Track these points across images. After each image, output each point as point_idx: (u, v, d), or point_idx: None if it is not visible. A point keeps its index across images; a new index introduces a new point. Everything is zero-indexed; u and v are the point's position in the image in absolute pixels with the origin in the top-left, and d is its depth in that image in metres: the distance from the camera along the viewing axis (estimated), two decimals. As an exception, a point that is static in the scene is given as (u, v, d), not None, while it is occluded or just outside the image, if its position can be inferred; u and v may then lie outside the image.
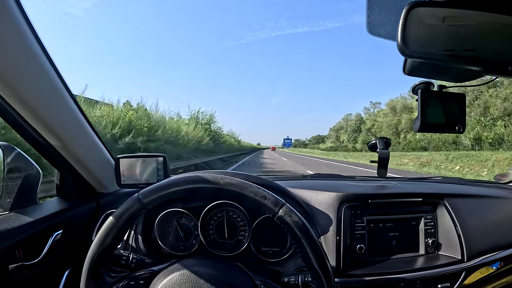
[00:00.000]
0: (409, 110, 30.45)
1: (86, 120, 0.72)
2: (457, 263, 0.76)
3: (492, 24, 0.44)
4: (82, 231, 0.77)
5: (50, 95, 0.60)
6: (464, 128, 0.64)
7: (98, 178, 0.80)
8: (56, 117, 0.63)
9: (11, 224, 0.60)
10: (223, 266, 0.51)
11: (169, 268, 0.49)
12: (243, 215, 0.76)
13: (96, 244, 0.46)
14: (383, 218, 0.77)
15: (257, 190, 0.48)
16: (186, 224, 0.78)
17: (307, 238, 0.46)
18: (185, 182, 0.48)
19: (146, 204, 0.47)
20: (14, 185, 0.69)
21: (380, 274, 0.71)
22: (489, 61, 0.45)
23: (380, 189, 0.84)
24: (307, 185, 0.87)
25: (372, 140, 0.94)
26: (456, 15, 0.44)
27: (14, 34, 0.49)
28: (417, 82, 0.65)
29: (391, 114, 33.69)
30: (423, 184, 1.02)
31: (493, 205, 0.91)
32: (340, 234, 0.72)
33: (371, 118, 49.34)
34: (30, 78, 0.54)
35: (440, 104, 0.65)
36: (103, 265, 0.47)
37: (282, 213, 0.47)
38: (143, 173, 0.79)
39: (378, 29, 0.55)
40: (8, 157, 0.71)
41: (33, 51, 0.53)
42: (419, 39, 0.45)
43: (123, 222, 0.47)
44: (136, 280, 0.48)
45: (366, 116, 54.66)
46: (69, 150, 0.70)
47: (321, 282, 0.46)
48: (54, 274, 0.70)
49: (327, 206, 0.76)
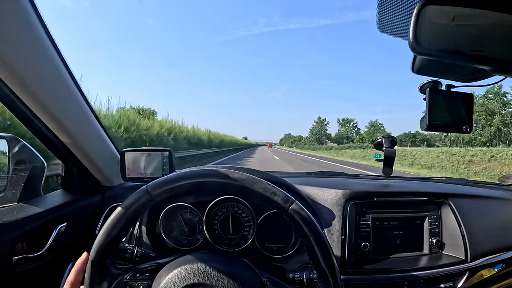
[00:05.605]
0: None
1: (92, 113, 0.72)
2: (461, 263, 0.76)
3: (503, 24, 0.44)
4: (86, 224, 0.77)
5: (58, 89, 0.60)
6: (471, 128, 0.64)
7: (103, 171, 0.80)
8: (63, 110, 0.63)
9: (15, 216, 0.60)
10: (230, 261, 0.50)
11: (175, 261, 0.49)
12: (248, 211, 0.75)
13: (102, 235, 0.46)
14: (388, 217, 0.77)
15: (267, 186, 0.48)
16: (190, 219, 0.78)
17: (315, 236, 0.46)
18: (195, 176, 0.48)
19: (154, 196, 0.47)
20: (19, 177, 0.69)
21: (384, 272, 0.71)
22: (499, 60, 0.45)
23: (386, 188, 0.85)
24: (312, 182, 0.87)
25: (378, 139, 0.94)
26: (467, 14, 0.44)
27: (26, 31, 0.49)
28: (425, 81, 0.65)
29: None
30: (428, 183, 1.02)
31: (497, 207, 0.91)
32: (345, 231, 0.72)
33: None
34: (39, 72, 0.54)
35: (447, 104, 0.65)
36: (109, 257, 0.47)
37: (291, 210, 0.47)
38: (148, 167, 0.79)
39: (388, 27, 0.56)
40: (14, 149, 0.71)
41: (45, 48, 0.54)
42: (431, 37, 0.45)
43: (131, 214, 0.46)
44: (142, 272, 0.48)
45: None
46: (74, 143, 0.69)
47: (327, 280, 0.46)
48: (58, 266, 0.69)
49: (332, 204, 0.76)
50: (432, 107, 0.64)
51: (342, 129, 70.02)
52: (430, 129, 0.64)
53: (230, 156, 18.58)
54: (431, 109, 0.64)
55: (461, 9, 0.44)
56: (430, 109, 0.64)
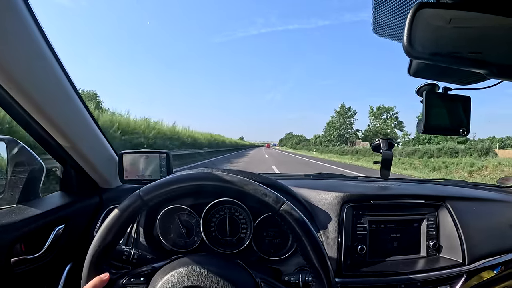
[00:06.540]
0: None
1: (90, 115, 0.72)
2: (458, 266, 0.76)
3: (499, 27, 0.44)
4: (84, 226, 0.78)
5: (55, 91, 0.60)
6: (468, 131, 0.64)
7: (101, 173, 0.80)
8: (61, 112, 0.63)
9: (13, 218, 0.61)
10: (224, 263, 0.51)
11: (169, 265, 0.49)
12: (245, 213, 0.76)
13: (97, 240, 0.46)
14: (385, 219, 0.77)
15: (257, 187, 0.49)
16: (188, 221, 0.78)
17: (307, 235, 0.47)
18: (187, 180, 0.48)
19: (147, 201, 0.47)
20: (17, 179, 0.70)
21: (381, 275, 0.71)
22: (494, 64, 0.45)
23: (383, 190, 0.84)
24: (309, 184, 0.87)
25: (375, 141, 0.94)
26: (463, 17, 0.44)
27: (23, 34, 0.49)
28: (422, 84, 0.65)
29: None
30: (426, 186, 1.02)
31: (495, 209, 0.90)
32: (341, 234, 0.72)
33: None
34: (36, 74, 0.54)
35: (444, 106, 0.64)
36: (105, 261, 0.47)
37: (282, 210, 0.47)
38: (146, 169, 0.79)
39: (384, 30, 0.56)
40: (12, 151, 0.71)
41: (41, 50, 0.54)
42: (425, 40, 0.45)
43: (124, 219, 0.47)
44: (137, 277, 0.48)
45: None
46: (72, 145, 0.70)
47: (321, 279, 0.46)
48: (56, 268, 0.70)
49: (329, 206, 0.76)
50: (429, 109, 0.64)
51: (376, 123, 44.45)
52: (426, 132, 0.63)
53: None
54: (428, 111, 0.63)
55: (455, 12, 0.44)
56: (427, 112, 0.63)
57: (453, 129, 0.65)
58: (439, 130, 0.66)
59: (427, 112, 0.63)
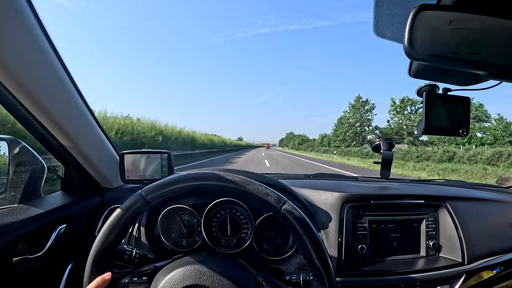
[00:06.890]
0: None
1: (92, 115, 0.73)
2: (458, 265, 0.76)
3: (498, 29, 0.45)
4: (86, 226, 0.78)
5: (58, 91, 0.60)
6: (468, 131, 0.64)
7: (103, 173, 0.80)
8: (63, 112, 0.63)
9: (15, 217, 0.61)
10: (225, 262, 0.51)
11: (171, 264, 0.50)
12: (246, 213, 0.76)
13: (99, 240, 0.46)
14: (385, 219, 0.78)
15: (259, 187, 0.49)
16: (189, 221, 0.78)
17: (308, 234, 0.47)
18: (188, 179, 0.48)
19: (149, 200, 0.47)
20: (19, 179, 0.70)
21: (381, 274, 0.71)
22: (494, 65, 0.46)
23: (383, 190, 0.85)
24: (310, 184, 0.87)
25: (376, 141, 0.94)
26: (463, 19, 0.45)
27: (26, 33, 0.50)
28: (422, 85, 0.66)
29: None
30: (426, 186, 1.02)
31: (495, 209, 0.91)
32: (342, 234, 0.73)
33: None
34: (39, 74, 0.55)
35: (444, 107, 0.65)
36: (107, 261, 0.47)
37: (284, 210, 0.48)
38: (147, 169, 0.80)
39: (385, 31, 0.56)
40: (14, 151, 0.72)
41: (45, 51, 0.54)
42: (426, 42, 0.45)
43: (126, 219, 0.47)
44: (139, 276, 0.49)
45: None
46: (74, 145, 0.70)
47: (322, 278, 0.46)
48: (57, 268, 0.70)
49: (329, 206, 0.76)
50: (429, 110, 0.64)
51: (399, 118, 35.36)
52: (426, 132, 0.64)
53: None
54: (428, 112, 0.64)
55: (456, 14, 0.45)
56: (427, 113, 0.64)
57: (453, 129, 0.65)
58: (439, 130, 0.66)
59: (427, 113, 0.64)
